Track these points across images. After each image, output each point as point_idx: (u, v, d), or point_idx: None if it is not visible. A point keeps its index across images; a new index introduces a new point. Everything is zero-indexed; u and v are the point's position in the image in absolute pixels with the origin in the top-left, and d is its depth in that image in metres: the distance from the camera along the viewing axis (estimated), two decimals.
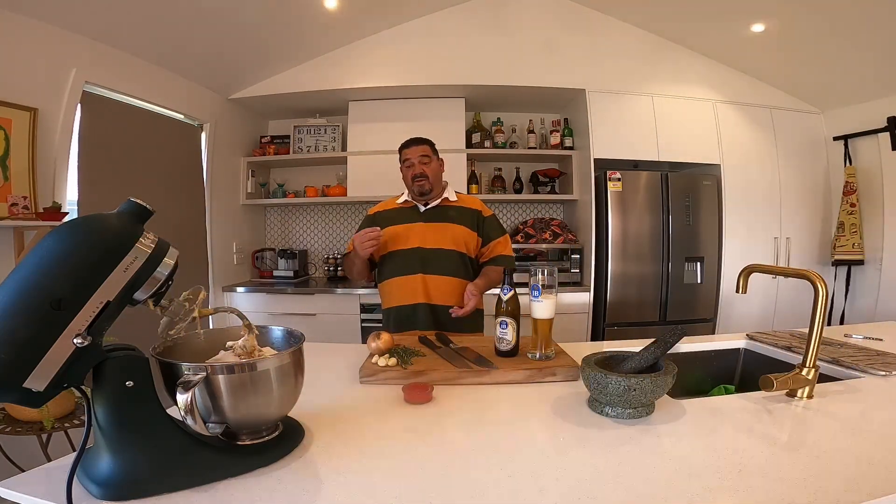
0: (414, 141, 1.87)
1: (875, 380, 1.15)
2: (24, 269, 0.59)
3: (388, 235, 1.77)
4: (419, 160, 1.81)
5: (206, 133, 2.97)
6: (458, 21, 3.01)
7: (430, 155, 1.84)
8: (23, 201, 1.80)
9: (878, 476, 0.71)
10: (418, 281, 1.72)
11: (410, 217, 1.81)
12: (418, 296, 1.72)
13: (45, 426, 1.31)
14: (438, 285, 1.72)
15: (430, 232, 1.77)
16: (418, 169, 1.79)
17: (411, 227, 1.78)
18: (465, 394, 1.08)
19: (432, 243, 1.75)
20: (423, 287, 1.72)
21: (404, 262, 1.76)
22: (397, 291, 1.76)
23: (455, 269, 1.75)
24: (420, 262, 1.73)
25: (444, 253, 1.75)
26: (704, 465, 0.75)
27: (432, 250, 1.74)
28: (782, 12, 2.58)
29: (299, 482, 0.71)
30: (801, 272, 1.11)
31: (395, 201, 1.89)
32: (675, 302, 3.04)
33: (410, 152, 1.83)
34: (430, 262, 1.73)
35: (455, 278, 1.74)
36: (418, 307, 1.72)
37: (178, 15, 2.21)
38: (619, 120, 3.07)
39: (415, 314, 1.72)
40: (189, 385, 0.65)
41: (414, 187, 1.80)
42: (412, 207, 1.84)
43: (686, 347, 1.50)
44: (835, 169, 3.28)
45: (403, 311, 1.74)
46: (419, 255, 1.74)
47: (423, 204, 1.82)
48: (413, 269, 1.73)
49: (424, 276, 1.72)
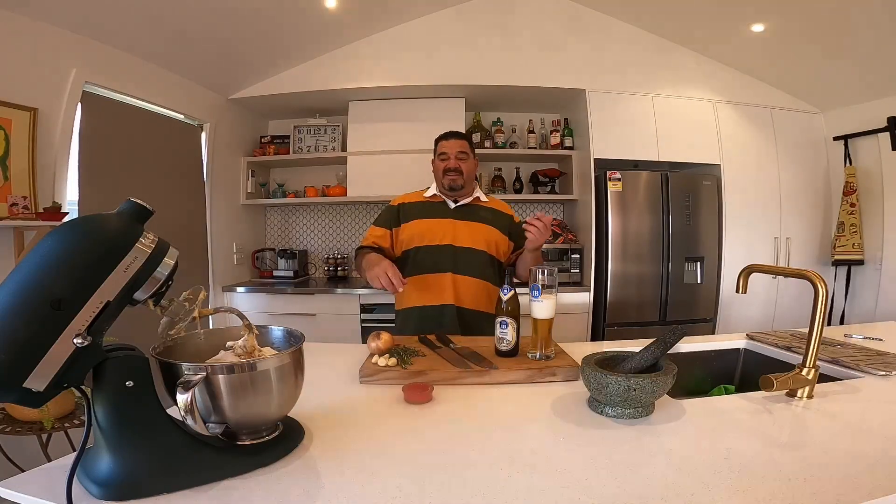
0: (453, 134, 1.78)
1: (875, 380, 1.15)
2: (23, 269, 0.59)
3: (416, 229, 1.69)
4: (456, 155, 1.72)
5: (206, 133, 2.97)
6: (458, 21, 3.01)
7: (468, 152, 1.75)
8: (23, 201, 1.80)
9: (878, 476, 0.71)
10: (448, 280, 1.62)
11: (441, 212, 1.71)
12: (447, 296, 1.62)
13: (45, 426, 1.31)
14: (468, 287, 1.63)
15: (462, 230, 1.67)
16: (453, 163, 1.70)
17: (441, 221, 1.68)
18: (465, 394, 1.08)
19: (464, 242, 1.65)
20: (453, 287, 1.62)
21: (434, 259, 1.65)
22: (423, 290, 1.64)
23: (484, 271, 1.66)
24: (451, 260, 1.63)
25: (475, 253, 1.65)
26: (704, 465, 0.75)
27: (464, 249, 1.65)
28: (782, 12, 2.58)
29: (299, 482, 0.71)
30: (801, 272, 1.11)
31: (421, 194, 1.79)
32: (675, 302, 3.04)
33: (448, 145, 1.74)
34: (460, 262, 1.63)
35: (484, 281, 1.65)
36: (445, 309, 1.61)
37: (178, 15, 2.21)
38: (619, 120, 3.07)
39: (441, 316, 1.61)
40: (189, 385, 0.65)
41: (444, 180, 1.71)
42: (441, 202, 1.74)
43: (686, 347, 1.50)
44: (835, 169, 3.28)
45: (428, 311, 1.63)
46: (450, 252, 1.64)
47: (454, 200, 1.73)
48: (443, 267, 1.63)
49: (455, 275, 1.62)
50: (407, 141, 3.15)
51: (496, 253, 1.71)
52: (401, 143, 3.17)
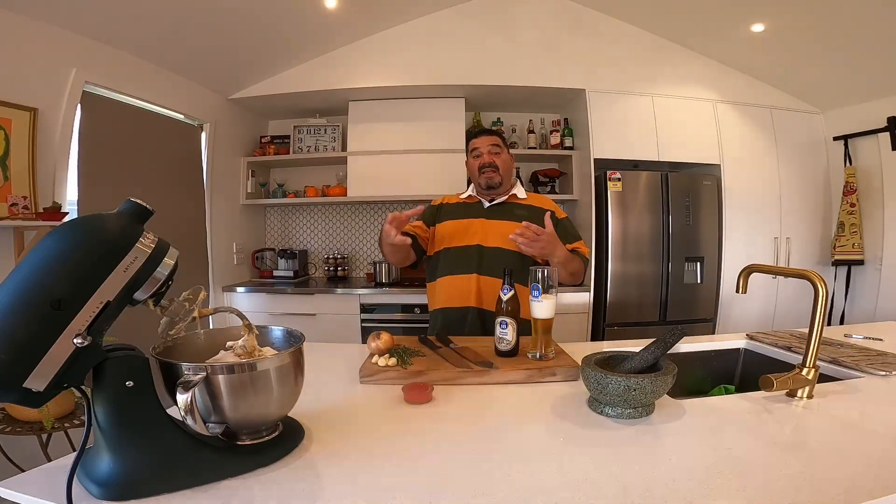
0: (484, 131, 1.77)
1: (875, 380, 1.15)
2: (24, 269, 0.59)
3: (447, 230, 1.66)
4: (489, 150, 1.68)
5: (206, 133, 2.97)
6: (458, 21, 3.01)
7: (501, 146, 1.72)
8: (23, 201, 1.80)
9: (878, 476, 0.71)
10: (472, 282, 1.58)
11: (473, 212, 1.67)
12: (469, 298, 1.58)
13: (45, 426, 1.31)
14: (493, 289, 1.54)
15: (493, 229, 1.62)
16: (487, 158, 1.67)
17: (472, 222, 1.64)
18: (465, 394, 1.08)
19: (493, 241, 1.60)
20: (476, 289, 1.58)
21: (460, 260, 1.61)
22: (447, 291, 1.62)
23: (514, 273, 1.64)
24: (477, 260, 1.59)
25: (504, 253, 1.57)
26: (704, 465, 0.75)
27: (492, 249, 1.60)
28: (782, 12, 2.58)
29: (299, 482, 0.71)
30: (801, 272, 1.11)
31: (459, 196, 1.77)
32: (675, 302, 3.04)
33: (480, 141, 1.72)
34: (487, 262, 1.59)
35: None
36: (468, 311, 1.57)
37: (178, 15, 2.21)
38: (619, 120, 3.07)
39: (463, 319, 1.57)
40: (189, 385, 0.65)
41: (481, 179, 1.68)
42: (476, 203, 1.71)
43: (686, 347, 1.50)
44: (835, 169, 3.28)
45: (451, 314, 1.60)
46: (477, 252, 1.60)
47: (489, 199, 1.69)
48: (468, 269, 1.59)
49: (479, 276, 1.58)
50: (407, 141, 3.16)
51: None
52: (401, 143, 3.17)
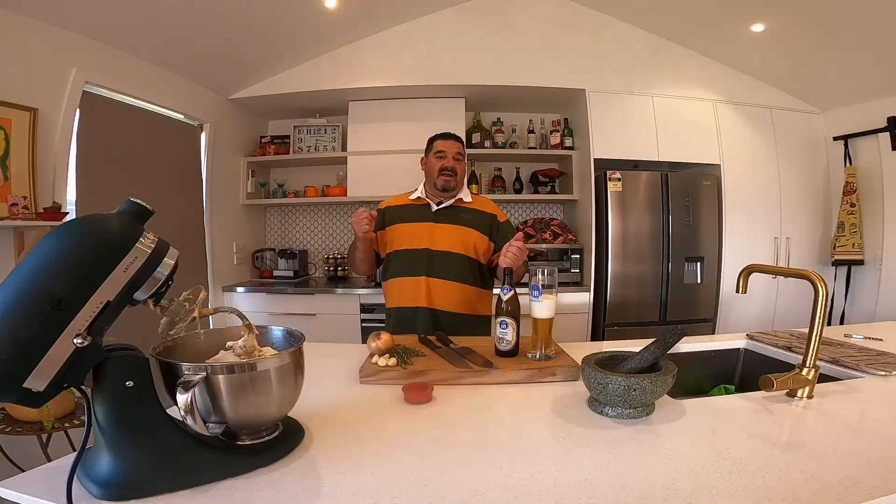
0: (451, 135, 1.81)
1: (875, 380, 1.15)
2: (23, 269, 0.59)
3: (396, 233, 1.72)
4: (454, 156, 1.75)
5: (205, 133, 2.97)
6: (458, 21, 3.01)
7: (463, 155, 1.79)
8: (23, 201, 1.80)
9: (878, 476, 0.71)
10: (421, 283, 1.66)
11: (421, 215, 1.74)
12: (420, 299, 1.66)
13: (45, 426, 1.31)
14: (442, 289, 1.66)
15: (441, 233, 1.70)
16: (451, 163, 1.73)
17: (421, 226, 1.72)
18: (465, 394, 1.08)
19: (441, 245, 1.69)
20: (426, 290, 1.66)
21: (409, 263, 1.70)
22: (399, 292, 1.71)
23: (462, 273, 1.69)
24: (426, 263, 1.67)
25: (452, 256, 1.68)
26: (704, 465, 0.75)
27: (441, 252, 1.68)
28: (782, 12, 2.58)
29: (299, 482, 0.71)
30: (801, 272, 1.11)
31: (407, 197, 1.82)
32: (675, 302, 3.04)
33: (447, 145, 1.77)
34: (436, 265, 1.67)
35: (461, 283, 1.68)
36: (419, 311, 1.66)
37: (178, 15, 2.21)
38: (619, 120, 3.07)
39: (415, 318, 1.66)
40: (189, 385, 0.65)
41: (439, 180, 1.73)
42: (424, 206, 1.77)
43: (686, 347, 1.50)
44: (835, 169, 3.28)
45: (404, 313, 1.69)
46: (426, 256, 1.68)
47: (437, 203, 1.75)
48: (417, 271, 1.67)
49: (428, 279, 1.66)
50: (407, 141, 3.15)
51: (475, 255, 1.72)
52: (401, 143, 3.17)
